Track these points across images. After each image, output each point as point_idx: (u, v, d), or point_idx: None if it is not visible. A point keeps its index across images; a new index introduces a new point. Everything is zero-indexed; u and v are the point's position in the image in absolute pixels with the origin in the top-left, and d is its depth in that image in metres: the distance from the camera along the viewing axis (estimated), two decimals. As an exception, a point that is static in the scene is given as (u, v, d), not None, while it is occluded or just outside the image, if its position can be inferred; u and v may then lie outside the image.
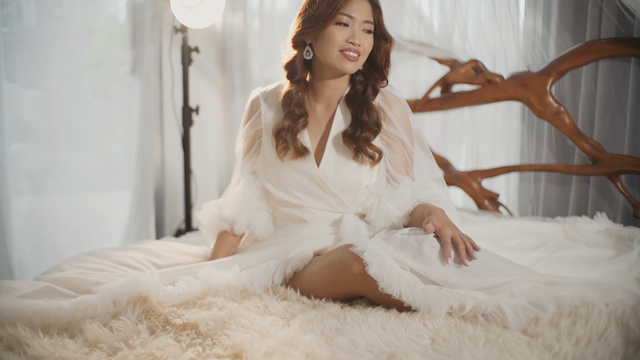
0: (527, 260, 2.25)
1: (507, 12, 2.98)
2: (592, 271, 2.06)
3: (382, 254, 1.82)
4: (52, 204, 3.34)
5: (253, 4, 3.88)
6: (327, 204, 2.22)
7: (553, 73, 2.84)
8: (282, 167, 2.23)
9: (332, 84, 2.22)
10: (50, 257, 3.29)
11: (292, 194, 2.25)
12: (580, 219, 2.59)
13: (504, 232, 2.65)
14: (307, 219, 2.26)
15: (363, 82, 2.22)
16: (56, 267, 2.17)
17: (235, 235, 2.39)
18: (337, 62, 2.11)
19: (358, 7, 2.10)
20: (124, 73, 3.57)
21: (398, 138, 2.19)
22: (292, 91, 2.23)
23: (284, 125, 2.22)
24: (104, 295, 1.84)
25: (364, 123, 2.16)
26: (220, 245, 2.38)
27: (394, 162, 2.19)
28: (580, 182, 2.89)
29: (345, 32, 2.10)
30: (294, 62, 2.22)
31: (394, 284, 1.77)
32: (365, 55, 2.13)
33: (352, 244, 1.88)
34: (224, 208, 2.37)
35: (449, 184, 3.23)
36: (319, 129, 2.25)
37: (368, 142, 2.16)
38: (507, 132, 3.25)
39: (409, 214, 2.10)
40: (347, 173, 2.18)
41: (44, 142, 3.27)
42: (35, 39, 3.15)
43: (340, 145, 2.20)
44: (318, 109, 2.26)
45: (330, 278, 1.93)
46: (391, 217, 2.12)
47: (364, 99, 2.19)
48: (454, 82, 3.14)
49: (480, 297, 1.73)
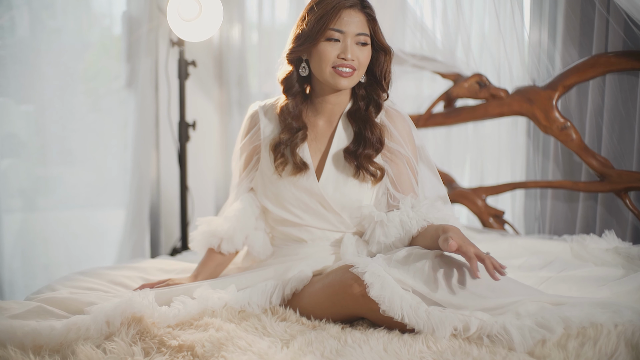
0: (534, 279, 2.24)
1: (511, 24, 3.00)
2: (601, 291, 2.06)
3: (384, 275, 1.81)
4: (44, 222, 3.34)
5: (251, 16, 3.89)
6: (327, 222, 2.20)
7: (559, 87, 2.85)
8: (281, 183, 2.21)
9: (332, 100, 2.21)
10: (41, 276, 3.28)
11: (291, 211, 2.23)
12: (588, 237, 2.59)
13: (510, 251, 2.64)
14: (306, 239, 2.23)
15: (365, 97, 2.20)
16: (48, 286, 2.17)
17: (223, 254, 2.34)
18: (331, 80, 2.10)
19: (349, 20, 2.08)
20: (119, 87, 3.58)
21: (402, 155, 2.17)
22: (289, 104, 2.22)
23: (281, 139, 2.20)
24: (97, 315, 1.83)
25: (366, 140, 2.15)
26: (205, 263, 2.33)
27: (398, 179, 2.17)
28: (588, 199, 2.89)
29: (337, 48, 2.08)
30: (290, 78, 2.21)
31: (396, 306, 1.76)
32: (362, 69, 2.12)
33: (353, 264, 1.87)
34: (218, 224, 2.33)
35: (452, 201, 3.22)
36: (320, 144, 2.24)
37: (370, 159, 2.15)
38: (513, 148, 3.26)
39: (412, 234, 2.07)
40: (348, 191, 2.16)
41: (36, 158, 3.27)
42: (28, 52, 3.16)
43: (341, 162, 2.19)
44: (319, 124, 2.25)
45: (331, 299, 1.93)
46: (387, 240, 2.10)
47: (366, 116, 2.18)
48: (457, 97, 3.15)
49: (485, 318, 1.73)
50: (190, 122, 3.53)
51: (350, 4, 2.09)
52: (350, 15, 2.08)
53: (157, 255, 3.78)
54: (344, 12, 2.08)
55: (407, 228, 2.07)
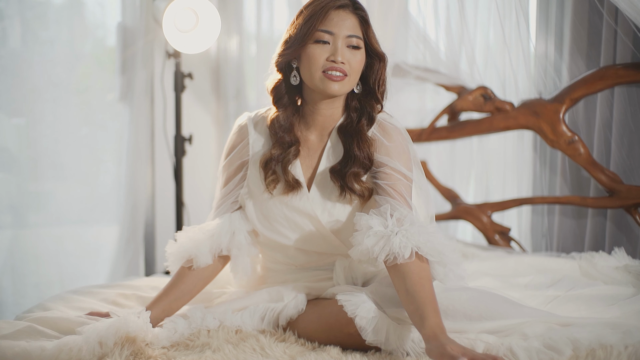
0: (541, 298, 2.24)
1: (517, 36, 3.00)
2: (610, 310, 2.05)
3: (376, 317, 1.83)
4: (35, 238, 3.33)
5: (250, 27, 3.90)
6: (320, 244, 2.11)
7: (566, 100, 2.85)
8: (272, 203, 2.09)
9: (323, 110, 2.09)
10: (32, 295, 3.27)
11: (282, 233, 2.11)
12: (597, 255, 2.59)
13: (516, 269, 2.64)
14: (297, 263, 2.16)
15: (358, 109, 2.08)
16: (39, 305, 2.16)
17: (197, 274, 2.13)
18: (321, 84, 2.00)
19: (339, 22, 1.99)
20: (112, 100, 3.59)
21: (397, 171, 2.02)
22: (280, 116, 2.10)
23: (273, 155, 2.08)
24: (90, 336, 1.83)
25: (354, 157, 2.03)
26: (176, 285, 2.12)
27: (390, 194, 2.00)
28: (597, 215, 2.89)
29: (327, 51, 1.99)
30: (279, 87, 2.11)
31: (395, 346, 1.80)
32: (354, 74, 2.02)
33: (343, 304, 1.87)
34: (199, 237, 2.13)
35: (457, 217, 3.22)
36: (312, 160, 2.13)
37: (357, 178, 2.02)
38: (519, 163, 3.26)
39: (394, 253, 1.84)
40: (336, 212, 2.07)
41: (28, 173, 3.28)
42: (19, 63, 3.17)
43: (329, 182, 2.08)
44: (311, 138, 2.13)
45: (326, 332, 1.94)
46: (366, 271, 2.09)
47: (357, 130, 2.06)
48: (461, 110, 3.15)
49: (491, 340, 1.73)
50: (187, 136, 3.53)
51: (340, 5, 2.01)
52: (340, 16, 2.00)
53: (152, 273, 3.77)
54: (334, 13, 2.00)
55: (381, 246, 1.86)
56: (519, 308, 1.87)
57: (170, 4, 3.11)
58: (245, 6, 3.82)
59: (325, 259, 2.15)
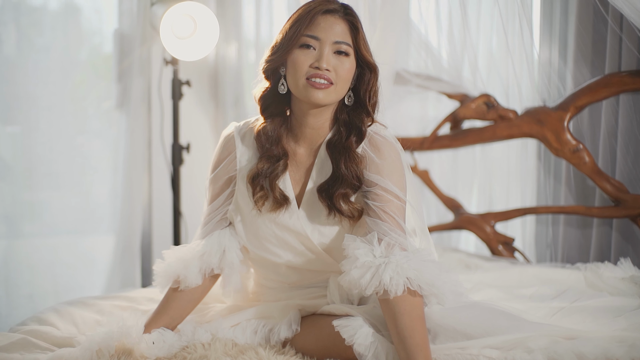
0: (545, 310, 2.24)
1: (520, 42, 3.01)
2: (617, 322, 2.04)
3: (375, 342, 1.82)
4: (30, 249, 3.33)
5: (249, 34, 3.91)
6: (312, 263, 2.05)
7: (571, 108, 2.85)
8: (261, 221, 2.01)
9: (311, 122, 2.00)
10: (26, 307, 3.27)
11: (273, 251, 2.04)
12: (602, 266, 2.58)
13: (520, 280, 2.64)
14: (289, 281, 2.12)
15: (347, 123, 1.98)
16: (33, 317, 2.16)
17: (186, 296, 2.08)
18: (305, 92, 1.91)
19: (326, 27, 1.90)
20: (109, 108, 3.59)
21: (389, 192, 1.91)
22: (267, 127, 2.02)
23: (260, 169, 1.99)
24: (85, 348, 1.83)
25: (342, 177, 1.94)
26: (165, 311, 2.06)
27: (381, 216, 1.89)
28: (602, 225, 2.89)
29: (311, 57, 1.90)
30: (267, 96, 2.03)
31: None
32: (342, 82, 1.92)
33: (340, 328, 1.85)
34: (188, 257, 2.07)
35: (459, 227, 3.22)
36: (301, 176, 2.04)
37: (345, 199, 1.94)
38: (522, 172, 3.26)
39: (384, 285, 1.79)
40: (327, 231, 2.00)
41: (22, 182, 3.28)
42: (14, 70, 3.18)
43: (318, 200, 1.99)
44: (299, 152, 2.04)
45: (323, 352, 1.93)
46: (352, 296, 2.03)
47: (346, 146, 1.96)
48: (464, 118, 3.15)
49: (494, 355, 1.72)
50: (184, 145, 3.53)
51: (328, 9, 1.93)
52: (328, 21, 1.91)
53: (148, 284, 3.77)
54: (321, 17, 1.91)
55: (369, 279, 1.80)
56: (522, 322, 1.87)
57: (168, 11, 3.12)
58: (244, 12, 3.83)
59: (318, 277, 2.10)
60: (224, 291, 2.16)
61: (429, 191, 3.42)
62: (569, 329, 1.86)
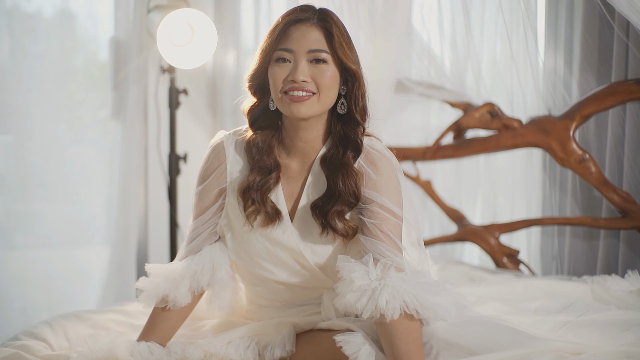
0: (551, 324, 2.23)
1: (525, 50, 3.01)
2: (624, 336, 2.04)
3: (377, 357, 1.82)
4: (22, 261, 3.33)
5: (247, 41, 3.91)
6: (306, 279, 2.03)
7: (576, 117, 2.85)
8: (253, 236, 1.98)
9: (303, 136, 1.96)
10: (18, 320, 3.26)
11: (265, 268, 2.02)
12: (609, 278, 2.58)
13: (525, 293, 2.63)
14: (281, 299, 2.10)
15: (343, 137, 1.94)
16: (26, 331, 2.15)
17: (174, 315, 2.05)
18: (286, 107, 1.89)
19: (298, 37, 1.88)
20: (104, 117, 3.60)
21: (386, 209, 1.89)
22: (258, 138, 1.99)
23: (251, 182, 1.95)
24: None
25: (338, 193, 1.91)
26: (153, 332, 2.04)
27: (377, 234, 1.88)
28: (609, 236, 2.88)
29: (286, 69, 1.88)
30: (254, 110, 2.01)
31: None
32: (325, 91, 1.88)
33: (341, 344, 1.84)
34: (176, 277, 2.02)
35: (463, 239, 3.22)
36: (293, 191, 2.01)
37: (340, 216, 1.91)
38: (527, 182, 3.25)
39: (381, 309, 1.78)
40: (320, 250, 1.97)
41: (15, 192, 3.28)
42: (8, 78, 3.18)
43: (311, 217, 1.96)
44: (292, 166, 2.01)
45: None
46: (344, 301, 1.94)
47: (344, 162, 1.92)
48: (467, 127, 3.15)
49: (498, 371, 1.72)
50: (181, 154, 3.53)
51: (299, 18, 1.90)
52: (300, 30, 1.88)
53: (144, 297, 3.76)
54: (292, 28, 1.89)
55: (364, 303, 1.79)
56: (527, 337, 1.86)
57: (165, 18, 3.12)
58: (242, 19, 3.84)
59: (310, 294, 2.08)
60: (209, 307, 2.14)
61: (431, 202, 3.42)
62: (575, 343, 1.85)
